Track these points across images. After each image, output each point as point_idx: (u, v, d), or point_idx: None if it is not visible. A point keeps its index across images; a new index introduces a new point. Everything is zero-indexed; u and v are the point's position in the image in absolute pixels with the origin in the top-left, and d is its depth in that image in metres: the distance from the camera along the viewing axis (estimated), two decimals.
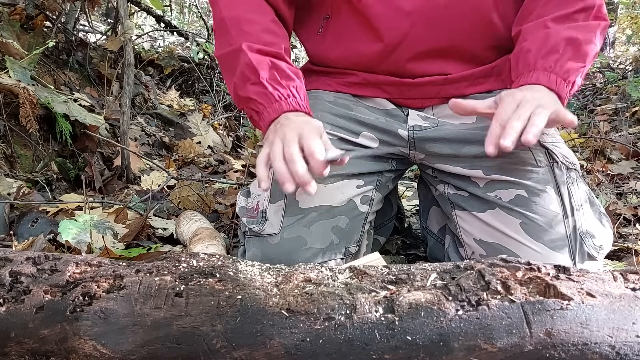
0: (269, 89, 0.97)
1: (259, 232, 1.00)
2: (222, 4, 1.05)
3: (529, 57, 0.96)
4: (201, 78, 3.38)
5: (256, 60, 0.98)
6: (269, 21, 1.04)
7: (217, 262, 0.70)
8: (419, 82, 1.10)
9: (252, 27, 1.02)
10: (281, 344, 0.61)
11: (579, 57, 0.96)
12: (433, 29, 1.04)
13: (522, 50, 0.98)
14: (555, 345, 0.59)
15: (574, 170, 1.02)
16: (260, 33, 1.02)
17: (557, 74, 0.94)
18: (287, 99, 0.97)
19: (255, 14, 1.04)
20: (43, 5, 2.26)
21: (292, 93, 0.98)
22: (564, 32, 0.96)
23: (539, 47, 0.96)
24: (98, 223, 1.34)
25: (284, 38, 1.05)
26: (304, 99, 0.99)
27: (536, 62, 0.95)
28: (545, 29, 0.97)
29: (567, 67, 0.95)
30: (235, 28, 1.03)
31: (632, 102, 3.31)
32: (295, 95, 0.98)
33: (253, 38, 1.01)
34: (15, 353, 0.66)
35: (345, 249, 1.01)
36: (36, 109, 1.80)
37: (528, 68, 0.96)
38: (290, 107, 0.97)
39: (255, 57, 0.98)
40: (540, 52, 0.95)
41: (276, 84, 0.98)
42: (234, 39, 1.02)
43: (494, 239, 0.99)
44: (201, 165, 2.43)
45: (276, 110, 0.97)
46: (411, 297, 0.63)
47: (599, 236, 0.98)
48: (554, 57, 0.95)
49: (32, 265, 0.70)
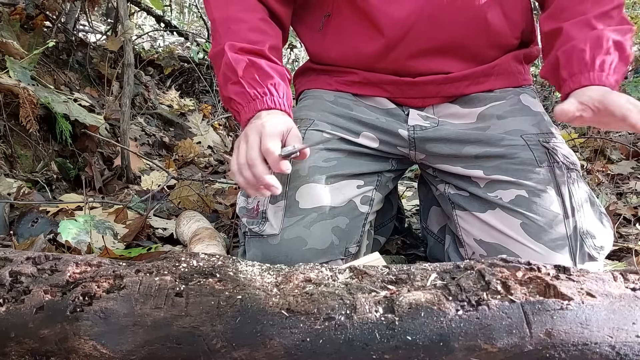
0: (246, 88, 0.97)
1: (259, 232, 1.00)
2: (213, 4, 1.06)
3: (585, 57, 0.94)
4: (201, 78, 3.38)
5: (234, 60, 0.98)
6: (258, 20, 1.04)
7: (217, 262, 0.70)
8: (419, 80, 1.10)
9: (239, 26, 1.02)
10: (281, 344, 0.61)
11: (624, 61, 0.96)
12: (434, 26, 1.04)
13: (574, 48, 0.96)
14: (555, 345, 0.59)
15: (574, 170, 1.02)
16: (246, 32, 1.02)
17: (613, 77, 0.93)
18: (262, 97, 0.97)
19: (244, 13, 1.04)
20: (43, 5, 2.26)
21: (269, 91, 0.98)
22: (612, 35, 0.95)
23: (593, 48, 0.94)
24: (98, 223, 1.35)
25: (272, 36, 1.05)
26: (282, 96, 0.99)
27: (594, 63, 0.93)
28: (593, 29, 0.96)
29: (617, 70, 0.94)
30: (223, 28, 1.04)
31: None
32: (272, 93, 0.98)
33: (238, 37, 1.01)
34: (15, 353, 0.66)
35: (345, 249, 1.01)
36: (36, 109, 1.80)
37: (586, 68, 0.93)
38: (264, 106, 0.96)
39: (234, 56, 0.99)
40: (597, 53, 0.94)
41: (254, 82, 0.98)
42: (221, 38, 1.03)
43: (494, 239, 0.99)
44: (201, 165, 2.43)
45: (252, 109, 0.97)
46: (411, 297, 0.63)
47: (599, 236, 0.98)
48: (609, 60, 0.94)
49: (32, 265, 0.70)
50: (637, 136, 2.72)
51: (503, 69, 1.12)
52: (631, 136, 2.70)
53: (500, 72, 1.12)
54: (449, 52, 1.08)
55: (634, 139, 2.63)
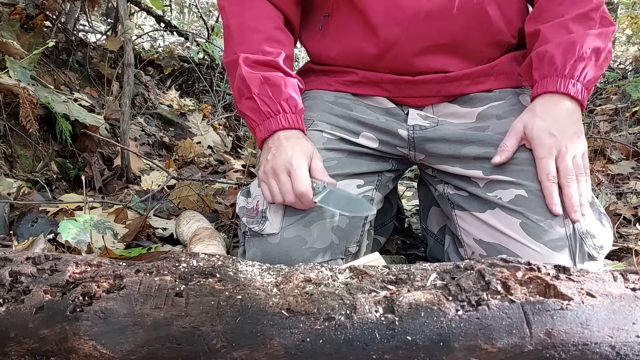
0: (259, 105, 1.01)
1: (258, 232, 1.00)
2: (228, 10, 1.08)
3: (556, 61, 0.98)
4: (201, 78, 3.38)
5: (248, 76, 1.01)
6: (273, 28, 1.06)
7: (217, 262, 0.70)
8: (419, 80, 1.10)
9: (254, 36, 1.04)
10: (281, 344, 0.61)
11: (599, 66, 0.99)
12: (432, 24, 1.04)
13: (547, 52, 0.99)
14: (556, 345, 0.59)
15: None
16: (261, 42, 1.04)
17: (582, 83, 0.97)
18: (276, 115, 1.00)
19: (260, 21, 1.05)
20: (43, 5, 2.26)
21: (282, 108, 1.01)
22: (590, 41, 0.97)
23: (565, 53, 0.97)
24: (98, 223, 1.35)
25: (286, 45, 1.07)
26: (295, 111, 1.02)
27: (564, 68, 0.97)
28: (569, 33, 0.99)
29: (589, 77, 0.98)
30: (237, 35, 1.05)
31: (632, 102, 3.31)
32: (285, 110, 1.01)
33: (252, 48, 1.03)
34: (15, 353, 0.66)
35: (345, 249, 1.01)
36: (36, 109, 1.80)
37: (556, 72, 0.98)
38: (279, 126, 1.00)
39: (248, 72, 1.01)
40: (568, 59, 0.97)
41: (267, 99, 1.01)
42: (236, 47, 1.05)
43: (494, 239, 0.99)
44: (201, 165, 2.43)
45: (266, 128, 1.01)
46: (411, 297, 0.63)
47: (599, 236, 0.98)
48: (581, 66, 0.97)
49: (32, 265, 0.70)
50: (637, 136, 2.72)
51: (502, 69, 1.12)
52: (631, 136, 2.70)
53: (499, 72, 1.12)
54: (448, 50, 1.08)
55: (634, 139, 2.63)
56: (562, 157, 0.95)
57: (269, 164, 0.98)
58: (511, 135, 1.00)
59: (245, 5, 1.07)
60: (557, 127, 0.96)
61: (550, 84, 0.98)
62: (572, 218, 0.93)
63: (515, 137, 0.99)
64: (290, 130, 1.01)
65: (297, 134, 1.01)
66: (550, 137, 0.96)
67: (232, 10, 1.07)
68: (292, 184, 0.94)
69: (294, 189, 0.94)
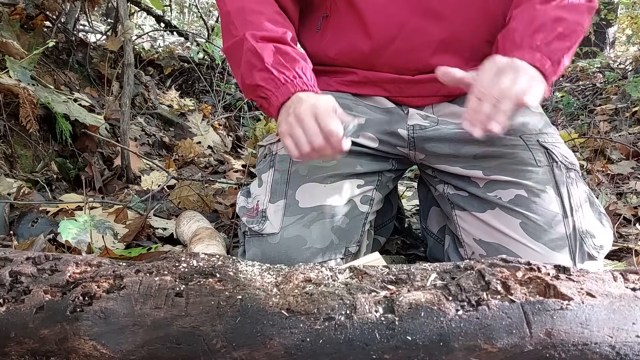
0: (274, 73, 0.96)
1: (258, 231, 1.00)
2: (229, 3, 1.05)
3: (515, 36, 0.95)
4: (201, 78, 3.38)
5: (260, 47, 0.97)
6: (273, 12, 1.04)
7: (217, 262, 0.70)
8: (418, 79, 1.10)
9: (256, 17, 1.02)
10: (281, 344, 0.61)
11: (566, 36, 0.94)
12: (430, 21, 1.04)
13: (509, 30, 0.97)
14: (555, 345, 0.59)
15: (573, 170, 1.02)
16: (265, 22, 1.01)
17: (542, 52, 0.92)
18: (293, 80, 0.96)
19: (260, 5, 1.04)
20: (43, 5, 2.26)
21: (298, 74, 0.97)
22: (551, 12, 0.95)
23: (526, 26, 0.95)
24: (98, 223, 1.35)
25: (289, 27, 1.05)
26: (310, 78, 0.98)
27: (522, 41, 0.93)
28: (533, 11, 0.97)
29: (553, 47, 0.93)
30: (239, 19, 1.03)
31: (632, 102, 3.31)
32: (301, 75, 0.97)
33: (257, 27, 1.00)
34: (15, 353, 0.66)
35: (345, 249, 1.01)
36: (36, 109, 1.80)
37: (514, 46, 0.94)
38: (297, 88, 0.95)
39: (259, 44, 0.98)
40: (527, 31, 0.94)
41: (282, 68, 0.97)
42: (238, 29, 1.02)
43: (493, 239, 0.99)
44: (201, 165, 2.43)
45: (284, 93, 0.96)
46: (411, 297, 0.63)
47: (599, 236, 0.98)
48: (541, 36, 0.93)
49: (32, 265, 0.70)
50: (637, 136, 2.72)
51: None
52: (631, 136, 2.70)
53: None
54: (448, 48, 1.07)
55: (634, 139, 2.63)
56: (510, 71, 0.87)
57: (292, 114, 0.92)
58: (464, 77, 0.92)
59: None
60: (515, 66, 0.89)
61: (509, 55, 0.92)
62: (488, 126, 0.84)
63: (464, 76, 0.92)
64: (308, 92, 0.96)
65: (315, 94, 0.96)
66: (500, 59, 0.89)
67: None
68: (319, 126, 0.88)
69: (323, 128, 0.87)
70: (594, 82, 4.47)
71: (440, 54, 1.07)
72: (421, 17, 1.03)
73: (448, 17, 1.04)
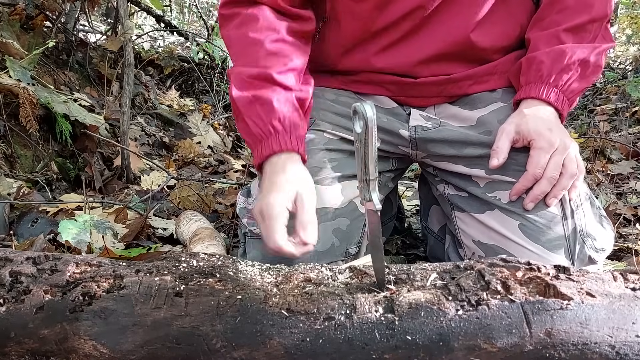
0: (250, 127, 0.95)
1: (259, 234, 0.99)
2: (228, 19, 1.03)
3: (542, 69, 0.99)
4: (201, 78, 3.38)
5: (237, 96, 0.96)
6: (272, 41, 0.99)
7: (217, 262, 0.70)
8: (421, 81, 1.09)
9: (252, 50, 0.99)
10: (281, 344, 0.61)
11: (586, 78, 1.00)
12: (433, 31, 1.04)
13: (535, 59, 1.01)
14: (555, 345, 0.59)
15: None
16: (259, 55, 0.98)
17: (564, 94, 0.99)
18: (267, 137, 0.93)
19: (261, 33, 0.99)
20: (43, 5, 2.26)
21: (274, 128, 0.93)
22: (578, 52, 0.99)
23: (553, 62, 0.99)
24: (98, 223, 1.35)
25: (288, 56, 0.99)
26: (288, 130, 0.94)
27: (549, 76, 0.99)
28: (559, 43, 1.00)
29: (573, 87, 0.99)
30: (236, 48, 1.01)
31: (632, 102, 3.31)
32: (277, 130, 0.93)
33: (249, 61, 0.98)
34: (15, 353, 0.66)
35: (345, 251, 1.01)
36: (36, 109, 1.80)
37: (541, 80, 0.99)
38: (271, 151, 0.92)
39: (237, 92, 0.96)
40: (554, 68, 0.99)
41: (257, 120, 0.94)
42: (235, 59, 1.01)
43: (492, 241, 0.99)
44: (201, 165, 2.43)
45: (259, 155, 0.94)
46: (411, 297, 0.63)
47: (599, 238, 0.97)
48: (566, 77, 0.99)
49: (32, 265, 0.70)
50: (637, 136, 2.72)
51: (505, 68, 1.11)
52: (631, 136, 2.70)
53: (502, 71, 1.11)
54: (451, 57, 1.07)
55: (634, 139, 2.63)
56: (559, 151, 0.95)
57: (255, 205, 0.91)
58: (502, 137, 0.99)
59: (247, 16, 1.01)
60: (551, 125, 0.97)
61: (534, 90, 1.00)
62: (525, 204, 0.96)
63: (507, 138, 0.98)
64: (282, 154, 0.93)
65: (288, 161, 0.92)
66: (548, 130, 0.96)
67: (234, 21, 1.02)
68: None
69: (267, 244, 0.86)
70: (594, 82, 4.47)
71: (444, 63, 1.07)
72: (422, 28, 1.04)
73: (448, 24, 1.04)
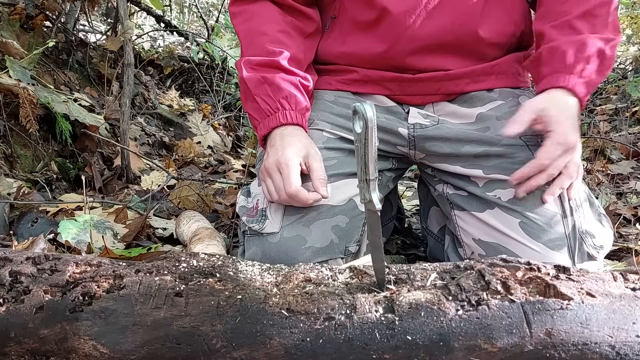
0: (259, 104, 1.03)
1: (258, 230, 1.00)
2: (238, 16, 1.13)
3: (567, 58, 0.97)
4: (201, 78, 3.38)
5: (248, 77, 1.04)
6: (277, 32, 1.09)
7: (217, 262, 0.70)
8: (419, 77, 1.10)
9: (259, 40, 1.08)
10: (281, 344, 0.61)
11: (603, 72, 1.00)
12: (434, 21, 1.04)
13: (558, 49, 0.98)
14: (555, 345, 0.59)
15: None
16: (266, 45, 1.07)
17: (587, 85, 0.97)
18: (275, 112, 1.02)
19: (266, 25, 1.09)
20: (43, 5, 2.26)
21: (282, 105, 1.02)
22: (598, 44, 0.97)
23: (577, 52, 0.97)
24: (98, 223, 1.35)
25: (290, 47, 1.08)
26: (295, 107, 1.03)
27: (575, 66, 0.97)
28: (575, 31, 0.99)
29: (593, 79, 0.98)
30: (246, 40, 1.10)
31: (632, 102, 3.31)
32: (284, 107, 1.02)
33: (257, 50, 1.07)
34: (15, 353, 0.66)
35: (345, 248, 1.01)
36: (36, 109, 1.80)
37: (566, 69, 0.97)
38: (277, 123, 1.02)
39: (248, 74, 1.04)
40: (579, 58, 0.97)
41: (266, 98, 1.03)
42: (244, 51, 1.09)
43: (493, 239, 0.99)
44: (201, 165, 2.43)
45: (265, 126, 1.03)
46: (411, 297, 0.63)
47: (599, 236, 0.98)
48: (589, 68, 0.97)
49: (32, 265, 0.70)
50: (637, 136, 2.72)
51: (503, 69, 1.12)
52: (631, 136, 2.70)
53: (500, 72, 1.12)
54: (448, 48, 1.08)
55: (634, 139, 2.63)
56: (569, 152, 0.95)
57: (264, 163, 1.00)
58: (527, 110, 0.97)
59: (253, 11, 1.11)
60: (574, 121, 0.96)
61: (562, 79, 0.97)
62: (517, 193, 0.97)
63: (531, 112, 0.96)
64: (289, 126, 1.02)
65: (295, 130, 1.02)
66: (569, 127, 0.95)
67: (242, 17, 1.12)
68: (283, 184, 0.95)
69: (285, 189, 0.95)
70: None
71: (440, 55, 1.08)
72: (424, 19, 1.04)
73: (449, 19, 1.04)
